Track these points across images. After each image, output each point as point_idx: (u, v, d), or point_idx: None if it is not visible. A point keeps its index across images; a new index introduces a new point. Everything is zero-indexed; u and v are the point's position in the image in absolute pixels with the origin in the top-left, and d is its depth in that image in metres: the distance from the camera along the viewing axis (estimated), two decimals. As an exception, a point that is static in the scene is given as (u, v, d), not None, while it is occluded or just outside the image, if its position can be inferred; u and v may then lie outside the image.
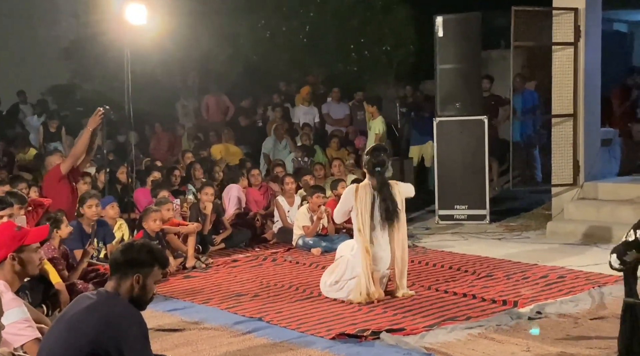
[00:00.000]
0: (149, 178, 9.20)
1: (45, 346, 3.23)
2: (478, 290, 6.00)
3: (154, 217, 7.09)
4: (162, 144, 13.34)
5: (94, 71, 14.18)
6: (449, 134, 9.40)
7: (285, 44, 12.98)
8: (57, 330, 3.26)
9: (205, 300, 6.03)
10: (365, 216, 5.80)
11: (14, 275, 3.73)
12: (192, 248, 7.42)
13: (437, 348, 4.59)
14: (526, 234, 8.55)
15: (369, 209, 5.83)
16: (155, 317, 5.47)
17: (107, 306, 3.19)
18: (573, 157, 8.76)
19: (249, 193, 9.17)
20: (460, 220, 9.29)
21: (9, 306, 3.47)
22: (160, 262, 3.35)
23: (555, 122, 8.89)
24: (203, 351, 4.69)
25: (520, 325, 5.04)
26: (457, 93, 9.37)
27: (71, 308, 3.31)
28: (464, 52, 9.32)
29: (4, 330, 3.22)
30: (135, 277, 3.24)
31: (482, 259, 7.23)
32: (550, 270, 6.61)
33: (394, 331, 4.94)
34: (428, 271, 6.82)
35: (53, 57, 15.54)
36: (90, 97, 14.07)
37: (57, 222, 6.03)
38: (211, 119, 13.54)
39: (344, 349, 4.66)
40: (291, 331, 5.09)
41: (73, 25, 15.41)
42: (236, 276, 6.95)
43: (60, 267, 5.87)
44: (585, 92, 8.68)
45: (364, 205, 5.82)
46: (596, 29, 8.83)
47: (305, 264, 7.33)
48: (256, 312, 5.57)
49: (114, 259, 3.30)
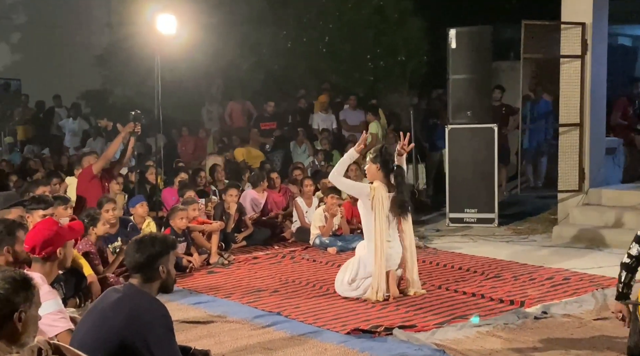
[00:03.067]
0: (176, 178, 9.24)
1: (76, 337, 3.25)
2: (487, 290, 5.95)
3: (181, 215, 7.12)
4: (188, 147, 13.40)
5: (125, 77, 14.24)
6: (460, 141, 9.35)
7: (305, 53, 12.98)
8: (87, 321, 3.28)
9: (227, 295, 6.03)
10: (381, 214, 5.70)
11: (52, 269, 3.76)
12: (216, 245, 7.43)
13: (447, 344, 4.56)
14: (533, 237, 8.48)
15: (386, 209, 5.74)
16: (181, 310, 5.48)
17: (134, 300, 3.20)
18: (579, 164, 8.69)
19: (269, 195, 9.18)
20: (469, 223, 9.23)
21: (45, 299, 3.48)
22: (172, 246, 3.40)
23: (562, 131, 8.82)
24: (225, 343, 4.69)
25: (526, 324, 5.00)
26: (468, 102, 9.32)
27: (100, 301, 3.33)
28: (475, 63, 9.27)
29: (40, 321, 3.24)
30: (160, 269, 3.27)
31: (491, 260, 7.18)
32: (556, 272, 6.54)
33: (405, 327, 4.91)
34: (439, 271, 6.78)
35: (87, 63, 15.66)
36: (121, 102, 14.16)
37: (94, 219, 6.07)
38: (235, 125, 13.58)
39: (358, 344, 4.64)
40: (308, 325, 5.07)
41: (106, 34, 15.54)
42: (256, 272, 6.95)
43: (96, 262, 5.91)
44: (591, 102, 8.61)
45: (381, 205, 5.72)
46: (602, 43, 8.76)
47: (322, 262, 7.31)
48: (275, 307, 5.56)
49: (132, 260, 3.28)
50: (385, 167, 5.82)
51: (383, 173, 5.82)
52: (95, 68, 15.54)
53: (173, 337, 3.21)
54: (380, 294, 5.66)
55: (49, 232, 3.76)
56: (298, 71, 13.24)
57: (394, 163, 5.86)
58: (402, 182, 5.83)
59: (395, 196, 5.75)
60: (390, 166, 5.83)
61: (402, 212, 5.77)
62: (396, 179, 5.80)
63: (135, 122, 7.28)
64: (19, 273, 2.75)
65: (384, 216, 5.71)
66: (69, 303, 5.19)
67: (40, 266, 3.71)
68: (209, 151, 12.76)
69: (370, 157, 5.89)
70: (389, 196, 5.76)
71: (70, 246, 3.89)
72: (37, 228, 3.85)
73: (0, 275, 2.66)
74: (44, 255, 3.72)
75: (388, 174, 5.82)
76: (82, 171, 7.76)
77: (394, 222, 5.79)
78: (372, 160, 5.86)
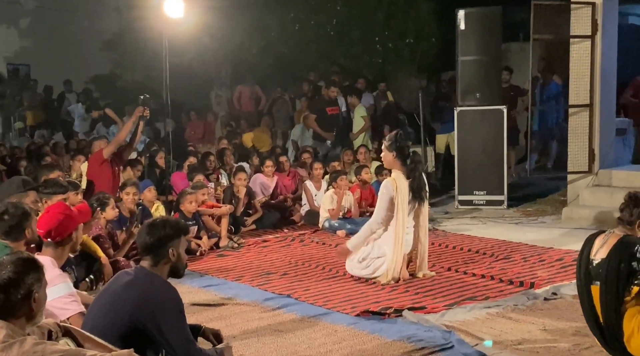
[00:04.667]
0: (185, 162, 9.25)
1: (88, 320, 3.27)
2: (496, 272, 5.94)
3: (190, 199, 7.13)
4: (197, 131, 13.42)
5: (134, 61, 14.25)
6: (469, 123, 9.30)
7: (314, 36, 12.91)
8: (99, 304, 3.30)
9: (238, 277, 6.05)
10: (404, 204, 5.67)
11: (63, 252, 3.78)
12: (225, 228, 7.44)
13: (456, 325, 4.56)
14: (542, 219, 8.44)
15: (406, 198, 5.69)
16: (191, 293, 5.50)
17: (144, 283, 3.22)
18: (589, 145, 8.62)
19: (278, 178, 9.18)
20: (478, 205, 9.20)
21: (56, 282, 3.51)
22: (184, 231, 3.41)
23: (572, 112, 8.75)
24: (236, 325, 4.71)
25: (536, 305, 4.99)
26: (477, 84, 9.25)
27: (112, 284, 3.34)
28: (484, 45, 9.19)
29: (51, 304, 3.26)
30: (170, 251, 3.28)
31: (500, 242, 7.16)
32: (566, 253, 6.52)
33: (415, 309, 4.91)
34: (448, 253, 6.77)
35: (96, 48, 15.68)
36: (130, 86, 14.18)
37: (103, 204, 6.09)
38: (244, 109, 13.56)
39: (368, 325, 4.64)
40: (318, 307, 5.08)
41: (115, 19, 15.51)
42: (266, 255, 6.96)
43: (107, 246, 5.94)
44: (601, 83, 8.53)
45: (403, 195, 5.68)
46: (613, 23, 8.66)
47: (331, 245, 7.31)
48: (285, 289, 5.57)
49: (143, 242, 3.30)
50: (401, 154, 5.75)
51: (400, 161, 5.76)
52: (104, 53, 15.56)
53: (184, 319, 3.23)
54: (392, 278, 5.66)
55: (63, 216, 3.77)
56: (307, 54, 13.19)
57: (409, 149, 5.81)
58: (418, 167, 5.78)
59: (411, 183, 5.72)
60: (405, 153, 5.77)
61: (419, 199, 5.76)
62: (412, 165, 5.75)
63: (144, 106, 7.27)
64: (25, 254, 2.79)
65: (406, 205, 5.69)
66: (80, 286, 5.22)
67: (52, 250, 3.72)
68: (217, 135, 12.75)
69: (385, 145, 5.83)
70: (407, 183, 5.72)
71: (81, 229, 3.90)
72: (51, 212, 3.84)
73: (9, 258, 2.69)
74: (59, 239, 3.73)
75: (405, 161, 5.76)
76: (92, 155, 7.78)
77: (412, 208, 5.77)
78: (387, 148, 5.79)
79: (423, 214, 5.88)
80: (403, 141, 5.80)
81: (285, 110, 13.13)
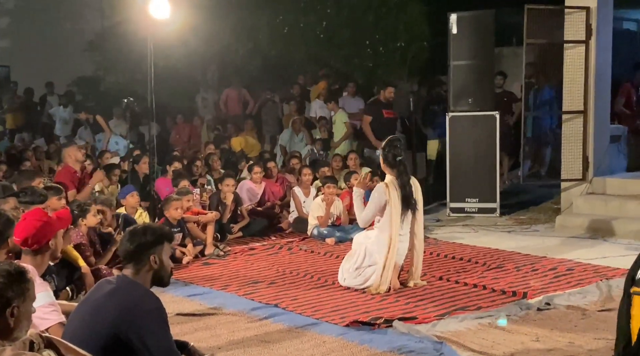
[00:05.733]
0: (170, 167, 9.22)
1: (69, 329, 3.25)
2: (488, 281, 5.96)
3: (175, 205, 7.11)
4: (182, 135, 13.38)
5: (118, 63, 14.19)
6: (461, 128, 9.34)
7: (302, 39, 12.91)
8: (80, 313, 3.27)
9: (224, 286, 6.03)
10: (396, 209, 5.71)
11: (43, 260, 3.75)
12: (211, 236, 7.42)
13: (448, 336, 4.56)
14: (535, 227, 8.49)
15: (399, 203, 5.75)
16: (175, 302, 5.48)
17: (127, 291, 3.20)
18: (582, 152, 8.68)
19: (266, 185, 9.16)
20: (470, 213, 9.24)
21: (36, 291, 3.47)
22: (167, 237, 3.38)
23: (566, 118, 8.81)
24: (221, 336, 4.69)
25: (529, 316, 5.01)
26: (469, 89, 9.30)
27: (93, 293, 3.32)
28: (476, 49, 9.25)
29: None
30: (152, 258, 3.26)
31: (493, 251, 7.18)
32: (559, 263, 6.55)
33: (406, 319, 4.92)
34: (439, 262, 6.79)
35: (79, 49, 15.61)
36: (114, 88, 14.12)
37: (83, 211, 6.06)
38: (231, 112, 13.54)
39: (357, 336, 4.64)
40: (306, 317, 5.07)
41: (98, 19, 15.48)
42: (253, 263, 6.94)
43: (88, 253, 5.90)
44: (595, 89, 8.60)
45: (395, 199, 5.73)
46: (607, 28, 8.73)
47: (320, 253, 7.31)
48: (272, 299, 5.56)
49: (124, 249, 3.29)
50: (386, 161, 5.86)
51: (388, 168, 5.88)
52: (87, 54, 15.49)
53: (167, 329, 3.21)
54: (383, 287, 5.67)
55: (40, 223, 3.74)
56: (296, 57, 13.19)
57: (395, 157, 5.86)
58: (402, 176, 5.82)
59: (399, 191, 5.77)
60: (390, 160, 5.84)
61: (410, 206, 5.80)
62: (398, 174, 5.81)
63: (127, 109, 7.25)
64: (14, 266, 2.72)
65: (398, 210, 5.73)
66: (60, 295, 5.18)
67: (31, 258, 3.69)
68: (203, 140, 12.72)
69: (380, 153, 6.01)
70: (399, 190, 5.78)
71: (60, 236, 3.87)
72: (27, 219, 3.81)
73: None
74: (36, 247, 3.70)
75: (392, 169, 5.85)
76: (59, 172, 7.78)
77: (407, 215, 5.81)
78: (381, 155, 5.97)
79: (418, 222, 5.90)
80: (393, 147, 5.85)
81: (274, 114, 13.13)
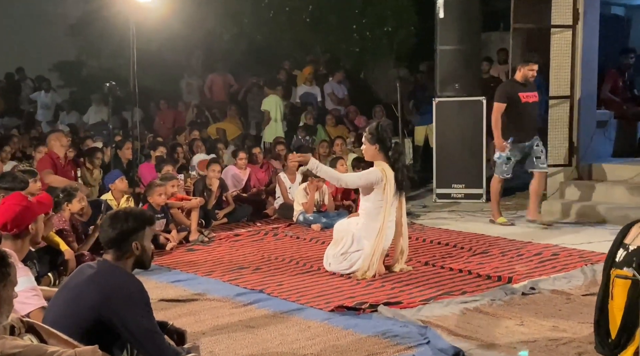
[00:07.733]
0: (154, 153, 9.19)
1: (49, 315, 3.25)
2: (474, 266, 6.01)
3: (159, 191, 7.09)
4: (166, 121, 13.32)
5: (100, 47, 14.11)
6: (448, 114, 9.37)
7: (288, 23, 12.87)
8: (61, 298, 3.27)
9: (208, 272, 6.04)
10: (390, 195, 5.70)
11: (23, 245, 3.74)
12: (195, 222, 7.42)
13: (433, 321, 4.60)
14: (521, 213, 8.53)
15: (393, 189, 5.72)
16: (159, 288, 5.48)
17: (108, 275, 3.20)
18: (569, 138, 8.74)
19: (251, 171, 9.16)
20: (457, 199, 9.29)
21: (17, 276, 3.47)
22: (149, 222, 3.37)
23: (552, 103, 8.85)
24: (205, 321, 4.71)
25: (514, 300, 5.05)
26: (456, 74, 9.32)
27: (74, 278, 3.32)
28: (463, 34, 9.26)
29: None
30: (134, 245, 3.26)
31: (478, 236, 7.24)
32: (544, 248, 6.61)
33: (391, 304, 4.95)
34: (425, 248, 6.83)
35: (60, 33, 15.44)
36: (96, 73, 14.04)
37: (69, 196, 6.03)
38: (215, 98, 13.49)
39: (342, 321, 4.67)
40: (291, 303, 5.10)
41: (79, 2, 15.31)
42: (238, 249, 6.96)
43: (70, 239, 5.89)
44: (582, 74, 8.64)
45: (390, 185, 5.71)
46: (594, 12, 8.77)
47: (306, 239, 7.33)
48: (257, 284, 5.58)
49: (106, 236, 3.28)
50: (384, 146, 5.78)
51: (383, 153, 5.79)
52: (69, 38, 15.35)
53: (150, 311, 3.21)
54: (370, 273, 5.70)
55: (19, 207, 3.72)
56: (282, 41, 13.15)
57: (391, 140, 5.84)
58: (401, 159, 5.82)
59: (395, 175, 5.75)
60: (388, 144, 5.79)
61: (402, 190, 5.79)
62: (394, 156, 5.78)
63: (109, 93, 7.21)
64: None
65: (392, 196, 5.72)
66: (42, 280, 5.17)
67: (11, 243, 3.68)
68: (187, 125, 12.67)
69: (366, 137, 5.85)
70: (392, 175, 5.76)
71: (41, 220, 3.86)
72: (6, 204, 3.80)
73: None
74: (16, 232, 3.70)
75: (388, 153, 5.79)
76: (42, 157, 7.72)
77: (395, 201, 5.81)
78: (369, 140, 5.81)
79: (402, 206, 5.92)
80: (385, 132, 5.83)
81: (260, 99, 13.09)
